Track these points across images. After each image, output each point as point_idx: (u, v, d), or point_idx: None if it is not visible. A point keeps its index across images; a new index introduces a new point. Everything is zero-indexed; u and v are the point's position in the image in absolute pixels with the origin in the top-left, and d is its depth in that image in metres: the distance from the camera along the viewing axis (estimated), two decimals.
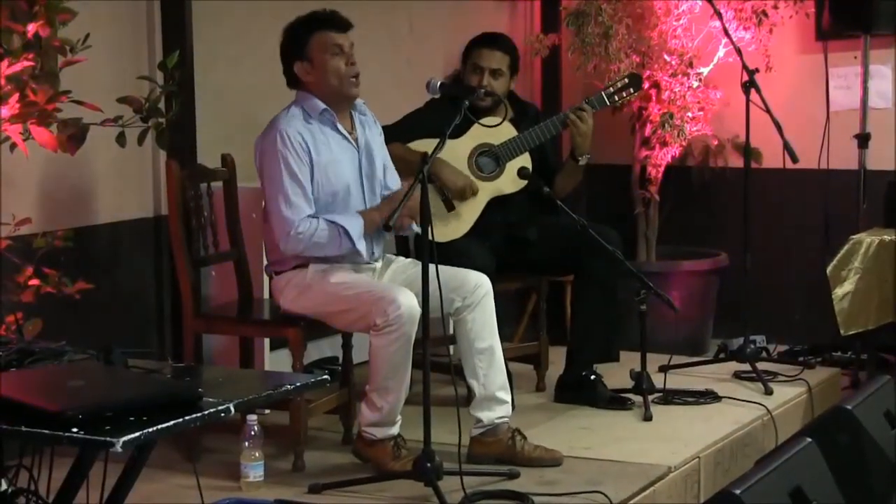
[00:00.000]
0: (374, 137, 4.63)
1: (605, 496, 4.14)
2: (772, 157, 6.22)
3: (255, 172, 4.51)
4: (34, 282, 4.04)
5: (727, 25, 5.85)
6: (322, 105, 4.44)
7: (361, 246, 4.36)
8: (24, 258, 4.10)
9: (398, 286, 4.33)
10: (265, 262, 4.68)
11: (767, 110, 5.47)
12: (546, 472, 4.43)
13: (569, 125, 5.16)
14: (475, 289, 4.44)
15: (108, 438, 2.54)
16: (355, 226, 4.36)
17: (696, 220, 7.01)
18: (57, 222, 4.57)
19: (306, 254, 4.39)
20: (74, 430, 2.57)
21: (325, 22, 4.45)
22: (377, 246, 4.54)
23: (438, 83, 4.52)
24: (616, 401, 5.21)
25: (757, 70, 5.64)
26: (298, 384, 3.06)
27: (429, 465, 4.08)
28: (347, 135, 4.50)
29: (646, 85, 6.08)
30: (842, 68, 6.61)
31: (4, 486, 3.29)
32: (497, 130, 5.09)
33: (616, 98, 5.30)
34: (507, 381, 4.54)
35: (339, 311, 4.37)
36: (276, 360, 5.16)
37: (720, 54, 6.33)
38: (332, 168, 4.42)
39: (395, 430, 4.37)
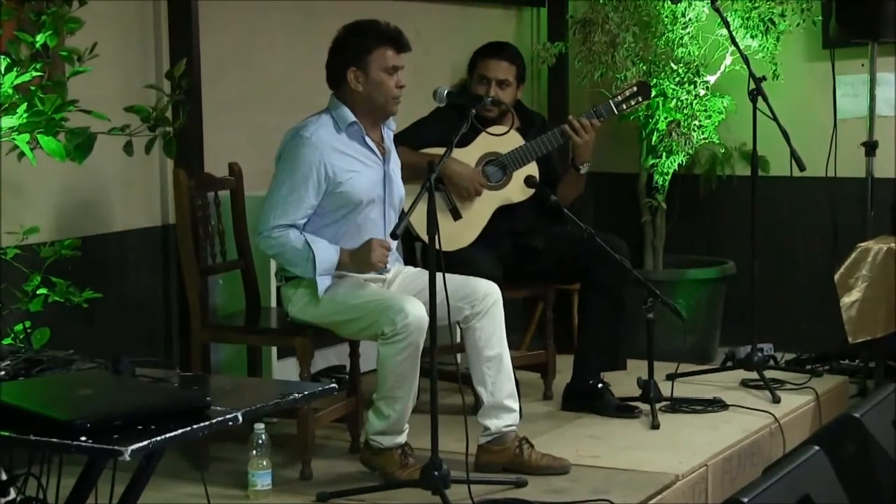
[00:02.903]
0: (394, 147, 4.63)
1: None
2: (779, 166, 6.20)
3: (263, 181, 4.51)
4: (42, 291, 4.04)
5: (734, 33, 5.85)
6: (351, 117, 4.42)
7: (320, 281, 4.35)
8: (32, 267, 4.10)
9: (406, 295, 4.33)
10: (275, 268, 4.68)
11: (774, 118, 5.46)
12: (553, 480, 4.43)
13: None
14: (485, 297, 4.45)
15: (116, 447, 2.54)
16: (325, 261, 4.35)
17: (704, 229, 7.00)
18: (65, 231, 4.58)
19: (275, 259, 4.51)
20: (83, 438, 2.57)
21: (391, 40, 4.42)
22: (389, 258, 4.54)
23: (445, 92, 4.52)
24: (623, 409, 5.20)
25: (764, 78, 5.64)
26: (306, 393, 3.06)
27: (436, 473, 4.08)
28: (375, 147, 4.49)
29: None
30: (849, 76, 6.60)
31: (13, 495, 3.29)
32: (504, 139, 5.10)
33: (624, 106, 5.29)
34: (514, 389, 4.53)
35: (348, 319, 4.37)
36: (283, 369, 5.16)
37: (727, 62, 6.33)
38: (355, 180, 4.40)
39: (402, 438, 4.37)
